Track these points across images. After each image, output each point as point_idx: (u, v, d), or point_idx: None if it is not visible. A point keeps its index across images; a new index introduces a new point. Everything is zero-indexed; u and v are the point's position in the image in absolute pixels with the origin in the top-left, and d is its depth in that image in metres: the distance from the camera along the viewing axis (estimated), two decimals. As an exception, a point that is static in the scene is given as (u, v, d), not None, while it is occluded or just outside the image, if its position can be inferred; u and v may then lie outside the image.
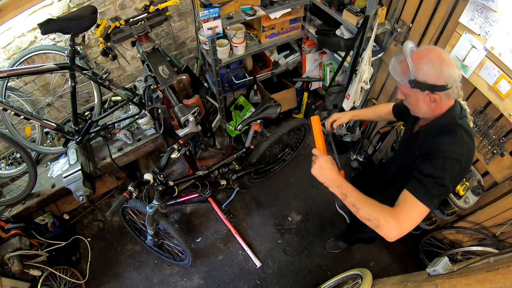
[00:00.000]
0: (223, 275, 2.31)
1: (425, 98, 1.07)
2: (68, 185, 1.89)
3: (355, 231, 1.96)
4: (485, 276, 1.10)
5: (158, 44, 1.78)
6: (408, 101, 1.16)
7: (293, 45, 2.62)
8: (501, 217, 1.75)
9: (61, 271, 2.16)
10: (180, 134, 1.52)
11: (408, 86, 1.06)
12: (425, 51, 1.05)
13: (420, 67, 1.02)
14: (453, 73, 1.01)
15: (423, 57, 1.03)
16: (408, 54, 1.04)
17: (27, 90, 2.13)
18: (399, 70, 1.08)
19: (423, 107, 1.10)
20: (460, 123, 1.10)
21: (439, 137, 1.10)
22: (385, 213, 0.98)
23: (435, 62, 1.01)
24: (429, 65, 1.01)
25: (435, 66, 1.01)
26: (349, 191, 1.04)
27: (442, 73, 1.00)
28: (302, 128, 2.53)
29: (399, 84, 1.12)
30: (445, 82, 1.01)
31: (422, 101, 1.08)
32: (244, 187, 2.56)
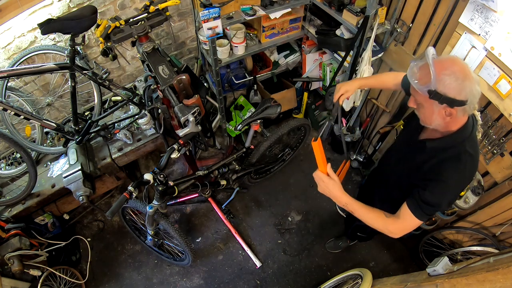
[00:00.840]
0: (223, 275, 2.31)
1: (441, 111, 1.02)
2: (68, 185, 1.88)
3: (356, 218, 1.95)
4: (485, 276, 1.10)
5: (158, 44, 1.78)
6: (420, 111, 1.10)
7: (293, 45, 2.62)
8: (501, 217, 1.75)
9: (61, 271, 2.16)
10: (180, 134, 1.52)
11: (426, 96, 1.00)
12: (449, 62, 0.98)
13: (442, 78, 0.96)
14: (474, 89, 0.97)
15: (446, 68, 0.96)
16: (431, 62, 0.97)
17: (27, 90, 2.13)
18: (417, 77, 1.01)
19: (437, 119, 1.05)
20: (467, 148, 1.07)
21: (444, 164, 1.09)
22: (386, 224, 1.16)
23: (459, 76, 0.96)
24: (452, 77, 0.95)
25: (458, 80, 0.95)
26: (354, 209, 1.18)
27: (464, 88, 0.96)
28: (302, 128, 2.53)
29: (414, 92, 1.06)
30: (465, 97, 0.96)
31: (437, 113, 1.03)
32: (244, 187, 2.55)
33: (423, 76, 0.99)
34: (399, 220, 1.15)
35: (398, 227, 1.15)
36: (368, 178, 1.94)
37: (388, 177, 1.41)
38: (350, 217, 2.09)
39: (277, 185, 2.76)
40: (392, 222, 1.16)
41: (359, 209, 1.18)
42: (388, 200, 1.40)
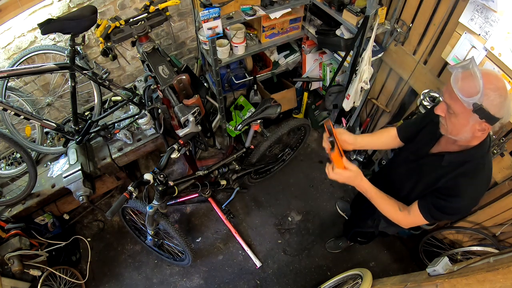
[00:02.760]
0: (223, 275, 2.31)
1: (475, 125, 0.97)
2: (68, 185, 1.89)
3: (355, 224, 1.96)
4: (485, 276, 1.10)
5: (158, 44, 1.78)
6: (451, 121, 1.02)
7: (293, 45, 2.62)
8: (501, 217, 1.75)
9: (61, 271, 2.16)
10: (180, 134, 1.52)
11: (468, 108, 0.93)
12: (494, 77, 0.94)
13: (488, 93, 0.91)
14: (510, 108, 0.94)
15: (492, 82, 0.92)
16: (479, 74, 0.91)
17: (27, 90, 2.13)
18: (464, 86, 0.94)
19: (466, 132, 1.00)
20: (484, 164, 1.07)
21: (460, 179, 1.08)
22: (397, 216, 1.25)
23: (502, 93, 0.92)
24: (497, 94, 0.91)
25: (502, 97, 0.92)
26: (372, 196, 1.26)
27: (504, 106, 0.93)
28: (302, 128, 2.53)
29: (452, 101, 0.98)
30: (502, 115, 0.94)
31: (470, 127, 0.98)
32: (244, 187, 2.55)
33: (467, 87, 0.93)
34: (409, 215, 1.21)
35: (407, 221, 1.24)
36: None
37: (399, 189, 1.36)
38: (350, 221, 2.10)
39: (277, 185, 2.75)
40: (403, 216, 1.24)
41: (376, 197, 1.26)
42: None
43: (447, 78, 1.84)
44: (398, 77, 2.22)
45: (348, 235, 2.12)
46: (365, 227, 1.80)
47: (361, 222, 1.82)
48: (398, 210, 1.24)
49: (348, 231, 2.09)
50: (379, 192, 1.26)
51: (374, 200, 1.27)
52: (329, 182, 2.75)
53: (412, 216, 1.20)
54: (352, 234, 2.04)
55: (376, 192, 1.26)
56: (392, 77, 2.28)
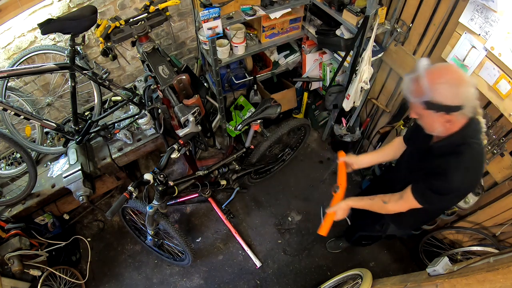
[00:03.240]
0: (223, 275, 2.31)
1: (439, 118, 1.05)
2: (68, 185, 1.89)
3: (361, 228, 1.95)
4: (485, 276, 1.10)
5: (158, 44, 1.78)
6: (422, 121, 1.14)
7: (293, 45, 2.62)
8: (501, 217, 1.75)
9: (61, 271, 2.16)
10: (180, 134, 1.52)
11: (423, 107, 1.03)
12: (442, 70, 1.01)
13: (436, 88, 0.99)
14: (469, 93, 0.99)
15: (440, 76, 0.99)
16: (423, 74, 1.00)
17: (27, 90, 2.13)
18: (413, 89, 1.04)
19: (438, 127, 1.09)
20: (471, 143, 1.09)
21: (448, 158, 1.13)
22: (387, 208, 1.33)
23: (453, 83, 0.98)
24: (446, 85, 0.98)
25: (453, 87, 0.98)
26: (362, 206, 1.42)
27: (458, 93, 0.98)
28: (302, 128, 2.53)
29: (412, 104, 1.10)
30: (460, 102, 0.99)
31: (436, 121, 1.07)
32: (244, 187, 2.55)
33: (417, 88, 1.03)
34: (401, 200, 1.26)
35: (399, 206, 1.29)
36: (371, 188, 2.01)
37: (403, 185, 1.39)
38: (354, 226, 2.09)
39: (277, 185, 2.75)
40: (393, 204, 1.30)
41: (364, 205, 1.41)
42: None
43: (447, 78, 1.83)
44: (398, 77, 2.22)
45: (351, 239, 2.11)
46: (373, 231, 1.79)
47: (367, 227, 1.82)
48: (382, 203, 1.34)
49: (352, 235, 2.08)
50: (363, 199, 1.42)
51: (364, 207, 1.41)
52: (329, 182, 2.75)
53: (404, 201, 1.25)
54: (356, 238, 2.04)
55: (361, 201, 1.42)
56: (392, 77, 2.28)
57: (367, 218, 1.75)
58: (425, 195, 1.19)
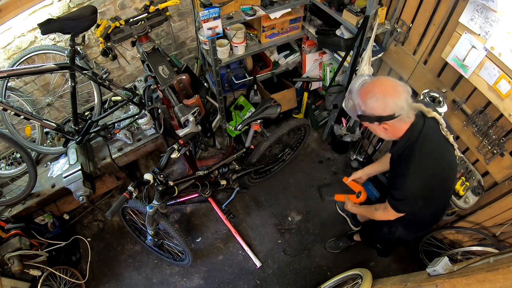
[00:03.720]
0: (223, 275, 2.31)
1: (378, 127, 1.18)
2: (68, 185, 1.89)
3: (372, 232, 1.99)
4: (485, 276, 1.09)
5: (158, 44, 1.78)
6: (370, 129, 1.27)
7: (293, 45, 2.62)
8: (501, 217, 1.75)
9: (61, 271, 2.16)
10: (180, 134, 1.52)
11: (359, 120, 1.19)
12: (370, 85, 1.13)
13: (366, 102, 1.12)
14: (398, 103, 1.09)
15: (368, 91, 1.11)
16: (354, 91, 1.15)
17: (27, 90, 2.13)
18: (350, 106, 1.21)
19: (381, 134, 1.22)
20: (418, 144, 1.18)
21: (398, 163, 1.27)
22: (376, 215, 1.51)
23: (379, 96, 1.09)
24: (374, 99, 1.10)
25: (379, 99, 1.09)
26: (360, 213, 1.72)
27: (387, 104, 1.09)
28: (302, 128, 2.53)
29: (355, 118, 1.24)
30: (391, 111, 1.10)
31: (377, 129, 1.20)
32: (244, 187, 2.55)
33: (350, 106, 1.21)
34: (386, 210, 1.40)
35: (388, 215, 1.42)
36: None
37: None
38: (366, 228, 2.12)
39: (277, 185, 2.75)
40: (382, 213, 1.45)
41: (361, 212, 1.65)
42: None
43: (447, 78, 1.84)
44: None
45: (367, 242, 2.12)
46: (381, 234, 1.80)
47: (377, 230, 1.83)
48: (374, 210, 1.50)
49: (367, 239, 2.09)
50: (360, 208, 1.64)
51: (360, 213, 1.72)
52: (329, 182, 2.75)
53: (388, 210, 1.38)
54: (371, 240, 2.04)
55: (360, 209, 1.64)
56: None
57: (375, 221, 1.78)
58: (393, 204, 1.33)
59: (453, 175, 1.38)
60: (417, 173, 1.21)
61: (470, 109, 1.74)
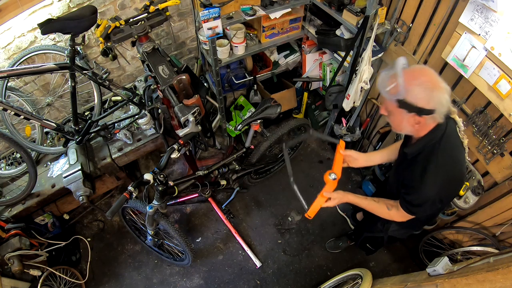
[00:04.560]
0: (223, 275, 2.31)
1: (410, 119, 1.07)
2: (68, 185, 1.88)
3: (365, 228, 1.96)
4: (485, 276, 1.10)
5: (158, 44, 1.78)
6: (391, 119, 1.16)
7: (293, 45, 2.62)
8: (501, 217, 1.75)
9: (61, 271, 2.16)
10: (180, 134, 1.52)
11: (395, 105, 1.05)
12: (418, 72, 1.03)
13: (411, 88, 1.00)
14: (442, 99, 1.01)
15: (415, 78, 1.00)
16: (400, 73, 1.01)
17: (27, 90, 2.13)
18: (387, 86, 1.05)
19: (406, 127, 1.12)
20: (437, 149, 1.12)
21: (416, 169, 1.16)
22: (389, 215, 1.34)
23: (427, 86, 1.00)
24: (421, 87, 1.00)
25: (427, 90, 1.00)
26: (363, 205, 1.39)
27: (432, 97, 1.00)
28: (302, 128, 2.53)
29: (384, 100, 1.12)
30: (433, 106, 1.01)
31: (406, 121, 1.09)
32: (244, 187, 2.55)
33: (389, 87, 1.05)
34: (398, 212, 1.30)
35: (400, 216, 1.31)
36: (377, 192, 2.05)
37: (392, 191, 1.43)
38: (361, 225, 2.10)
39: (277, 185, 2.75)
40: (395, 213, 1.32)
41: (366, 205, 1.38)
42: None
43: (447, 78, 1.83)
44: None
45: (358, 240, 2.12)
46: (375, 231, 1.80)
47: (371, 226, 1.83)
48: (387, 209, 1.34)
49: (359, 236, 2.09)
50: (366, 199, 1.39)
51: (366, 207, 1.39)
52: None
53: (401, 212, 1.28)
54: (362, 239, 2.04)
55: (364, 200, 1.38)
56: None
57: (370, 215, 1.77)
58: (410, 210, 1.24)
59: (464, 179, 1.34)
60: (438, 176, 1.13)
61: (470, 109, 1.74)
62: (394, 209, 1.31)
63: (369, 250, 2.07)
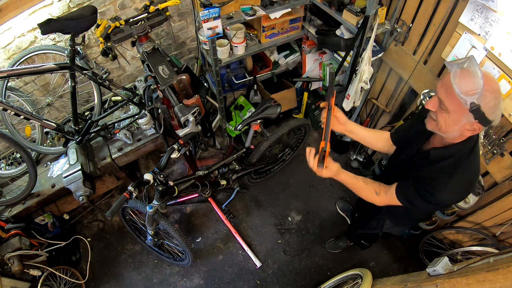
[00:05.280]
0: (223, 275, 2.31)
1: (467, 124, 0.95)
2: (68, 185, 1.88)
3: (360, 225, 1.96)
4: (485, 276, 1.10)
5: (158, 44, 1.78)
6: (442, 117, 1.00)
7: (293, 45, 2.62)
8: (501, 217, 1.75)
9: (61, 271, 2.16)
10: (180, 134, 1.52)
11: (466, 107, 0.90)
12: (491, 78, 0.92)
13: (486, 94, 0.88)
14: (500, 111, 0.94)
15: (489, 84, 0.89)
16: (480, 75, 0.87)
17: (27, 90, 2.13)
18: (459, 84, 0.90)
19: (456, 131, 0.99)
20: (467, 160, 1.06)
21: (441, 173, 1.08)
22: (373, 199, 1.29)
23: (497, 95, 0.91)
24: (493, 96, 0.90)
25: (496, 100, 0.90)
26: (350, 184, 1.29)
27: (497, 109, 0.92)
28: (302, 128, 2.53)
29: (448, 97, 0.95)
30: (493, 118, 0.93)
31: (461, 125, 0.97)
32: (244, 187, 2.55)
33: (466, 85, 0.89)
34: (385, 197, 1.25)
35: (382, 202, 1.28)
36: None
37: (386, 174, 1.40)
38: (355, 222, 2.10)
39: (277, 185, 2.75)
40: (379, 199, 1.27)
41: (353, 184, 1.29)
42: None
43: (447, 78, 1.84)
44: (398, 77, 2.22)
45: (352, 236, 2.12)
46: (369, 228, 1.79)
47: (365, 223, 1.82)
48: (374, 194, 1.28)
49: (353, 233, 2.09)
50: (356, 178, 1.29)
51: (352, 187, 1.30)
52: (329, 182, 2.75)
53: (387, 197, 1.23)
54: (356, 236, 2.04)
55: (353, 179, 1.29)
56: (392, 77, 2.28)
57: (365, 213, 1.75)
58: (410, 196, 1.17)
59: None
60: (461, 186, 1.09)
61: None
62: (382, 193, 1.26)
63: (364, 245, 2.07)
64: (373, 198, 1.29)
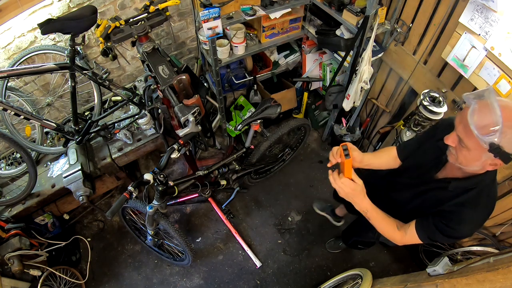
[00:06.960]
0: (223, 275, 2.31)
1: (488, 161, 0.90)
2: (68, 185, 1.88)
3: (356, 233, 1.95)
4: (485, 276, 1.10)
5: (158, 44, 1.78)
6: (462, 153, 0.94)
7: (293, 45, 2.62)
8: (501, 217, 1.75)
9: (61, 271, 2.16)
10: (180, 134, 1.52)
11: (484, 147, 0.84)
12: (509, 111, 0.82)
13: (506, 131, 0.80)
14: None
15: (509, 118, 0.80)
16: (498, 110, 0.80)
17: (27, 90, 2.13)
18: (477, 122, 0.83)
19: (477, 166, 0.94)
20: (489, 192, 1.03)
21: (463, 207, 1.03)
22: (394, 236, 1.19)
23: None
24: None
25: None
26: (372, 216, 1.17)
27: None
28: (302, 128, 2.53)
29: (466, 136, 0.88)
30: None
31: (481, 161, 0.91)
32: (244, 187, 2.55)
33: (483, 123, 0.82)
34: (405, 235, 1.16)
35: (402, 240, 1.19)
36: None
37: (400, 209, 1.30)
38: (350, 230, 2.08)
39: (277, 185, 2.76)
40: (400, 236, 1.18)
41: (377, 218, 1.18)
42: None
43: (447, 78, 1.84)
44: (398, 77, 2.22)
45: (347, 242, 2.12)
46: (366, 237, 1.78)
47: (362, 233, 1.81)
48: (396, 229, 1.18)
49: (348, 239, 2.08)
50: (380, 212, 1.19)
51: (374, 220, 1.20)
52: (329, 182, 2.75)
53: (408, 236, 1.15)
54: (352, 242, 2.04)
55: (377, 213, 1.18)
56: (392, 77, 2.28)
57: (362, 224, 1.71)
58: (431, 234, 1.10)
59: None
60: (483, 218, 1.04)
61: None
62: (402, 230, 1.17)
63: (361, 248, 2.06)
64: (394, 233, 1.18)
